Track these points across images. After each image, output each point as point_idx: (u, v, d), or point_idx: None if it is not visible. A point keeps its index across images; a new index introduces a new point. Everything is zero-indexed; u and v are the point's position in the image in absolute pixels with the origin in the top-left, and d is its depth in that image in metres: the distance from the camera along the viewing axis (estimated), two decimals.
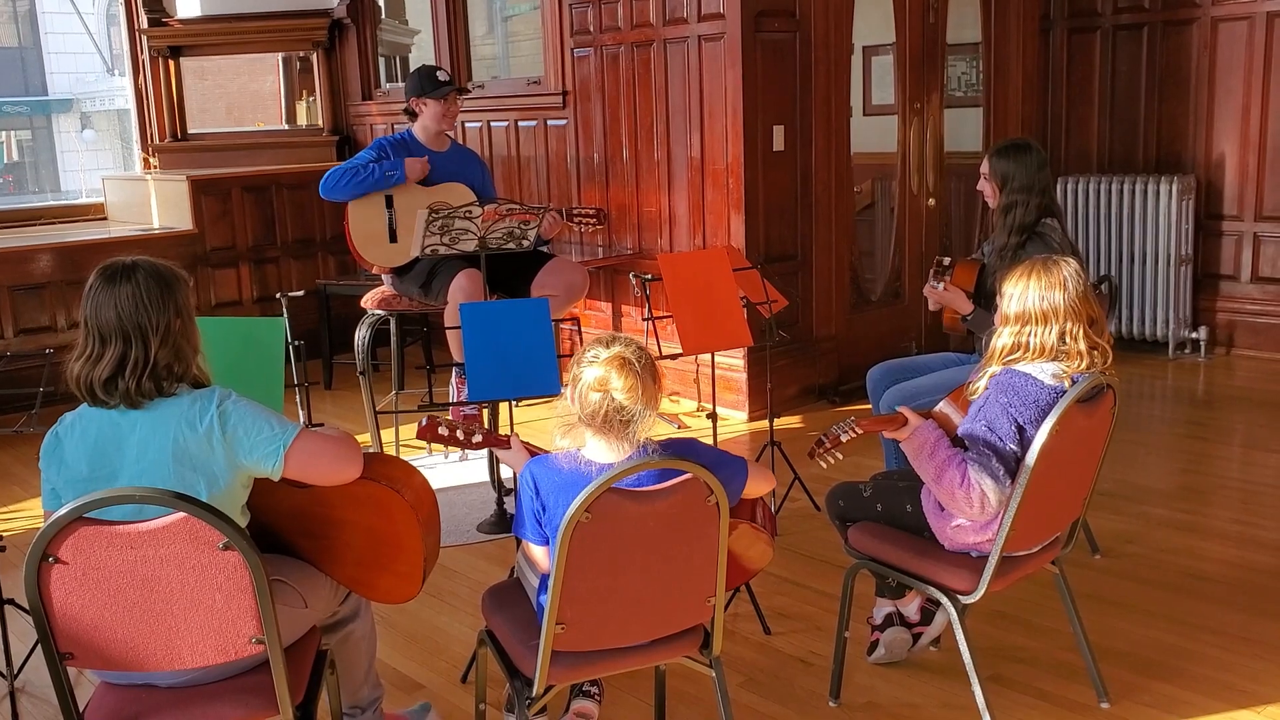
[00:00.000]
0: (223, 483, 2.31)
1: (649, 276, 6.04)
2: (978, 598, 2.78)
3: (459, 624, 3.69)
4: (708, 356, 5.88)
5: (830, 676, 3.16)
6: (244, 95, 8.87)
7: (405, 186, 4.64)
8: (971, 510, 2.70)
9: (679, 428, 5.66)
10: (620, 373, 2.32)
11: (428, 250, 4.20)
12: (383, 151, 4.65)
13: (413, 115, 4.80)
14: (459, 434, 2.60)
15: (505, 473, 4.55)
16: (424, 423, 2.63)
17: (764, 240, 5.67)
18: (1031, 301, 2.74)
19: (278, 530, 2.60)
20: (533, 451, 2.62)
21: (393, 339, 5.12)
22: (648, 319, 3.77)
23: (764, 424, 5.49)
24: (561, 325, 3.63)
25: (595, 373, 2.33)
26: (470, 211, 4.10)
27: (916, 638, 3.26)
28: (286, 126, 8.58)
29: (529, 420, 5.32)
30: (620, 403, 2.31)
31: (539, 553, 2.43)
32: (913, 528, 2.95)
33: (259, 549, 2.14)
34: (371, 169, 4.52)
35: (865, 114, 7.72)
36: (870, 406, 4.34)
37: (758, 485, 2.51)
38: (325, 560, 2.60)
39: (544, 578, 2.49)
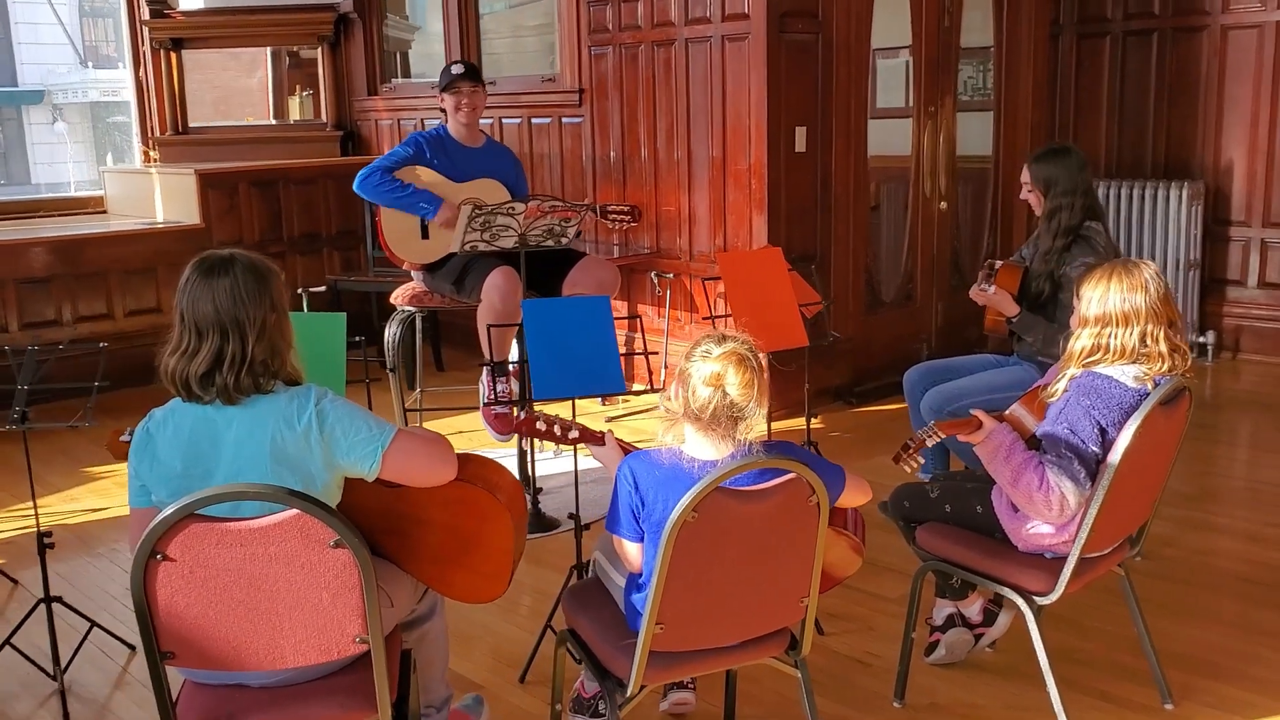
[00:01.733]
0: (319, 482, 2.28)
1: (671, 275, 6.05)
2: (1055, 599, 2.79)
3: (505, 623, 3.67)
4: None
5: (894, 677, 3.16)
6: (232, 90, 8.79)
7: (438, 183, 4.60)
8: (1050, 513, 2.71)
9: None
10: (737, 368, 2.31)
11: (467, 246, 4.17)
12: (419, 148, 4.62)
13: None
14: (556, 430, 2.59)
15: (540, 470, 4.52)
16: (521, 417, 2.61)
17: (785, 241, 5.65)
18: (1113, 304, 2.74)
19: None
20: (626, 449, 2.60)
21: (417, 337, 5.08)
22: (709, 318, 3.75)
23: (783, 425, 5.51)
24: None
25: (710, 368, 2.31)
26: (513, 208, 4.07)
27: (977, 639, 3.27)
28: (275, 121, 8.52)
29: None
30: (733, 399, 2.29)
31: (633, 550, 2.41)
32: (983, 528, 2.96)
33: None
34: (411, 194, 4.50)
35: (871, 117, 7.74)
36: (906, 408, 4.34)
37: (854, 495, 2.50)
38: (404, 557, 2.57)
39: (633, 576, 2.48)
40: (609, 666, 2.48)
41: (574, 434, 2.59)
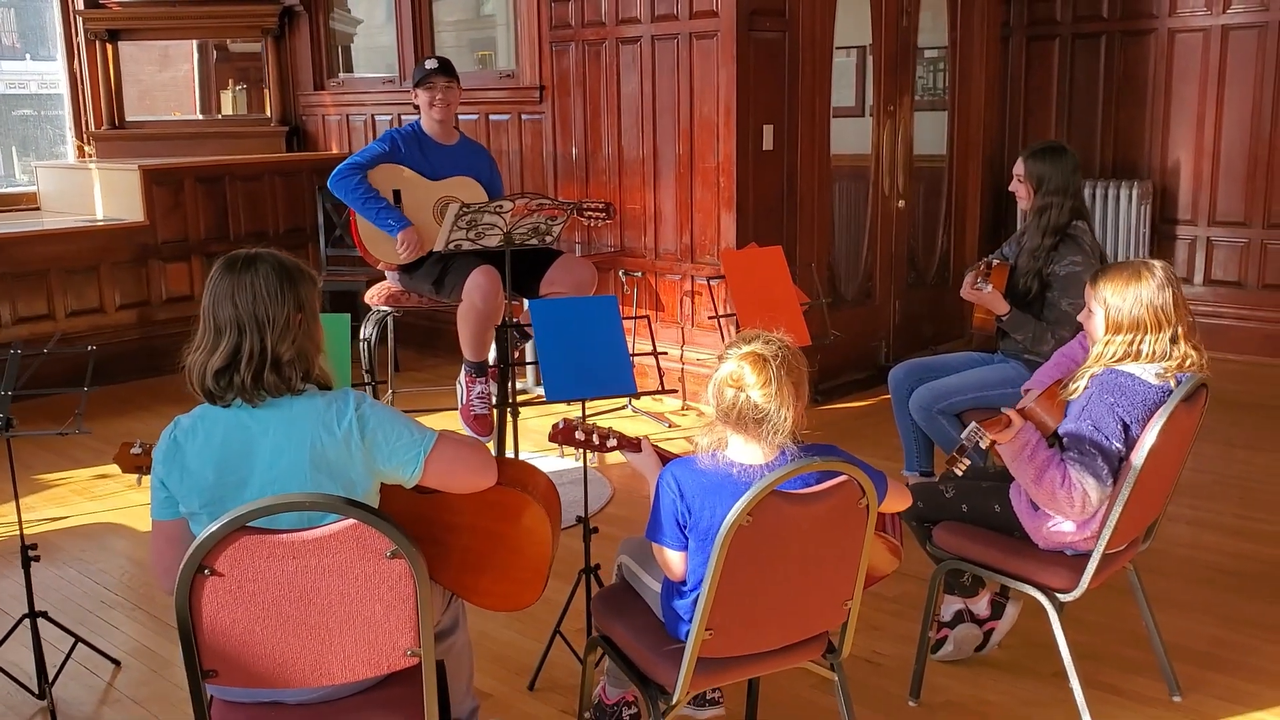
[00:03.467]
0: (360, 489, 2.20)
1: (639, 274, 6.02)
2: (1078, 595, 2.82)
3: (505, 629, 3.59)
4: (694, 354, 5.87)
5: (905, 676, 3.17)
6: (152, 85, 8.53)
7: (414, 180, 4.51)
8: (1073, 510, 2.73)
9: (668, 426, 5.62)
10: (754, 368, 2.27)
11: (451, 245, 4.09)
12: (394, 144, 4.52)
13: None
14: (594, 438, 2.53)
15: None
16: (560, 425, 2.55)
17: (753, 240, 5.66)
18: (1143, 309, 2.74)
19: None
20: (663, 456, 2.56)
21: (389, 338, 4.97)
22: (714, 317, 3.72)
23: None
24: None
25: (729, 368, 2.29)
26: (500, 207, 4.00)
27: (987, 635, 3.29)
28: (202, 117, 8.31)
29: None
30: (755, 401, 2.26)
31: (675, 558, 2.36)
32: (1001, 527, 2.97)
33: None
34: (379, 210, 4.41)
35: None
36: (871, 405, 4.35)
37: (895, 501, 2.47)
38: (435, 566, 2.50)
39: (670, 583, 2.43)
40: (650, 673, 2.43)
41: (612, 442, 2.54)
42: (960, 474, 2.70)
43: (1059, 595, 2.83)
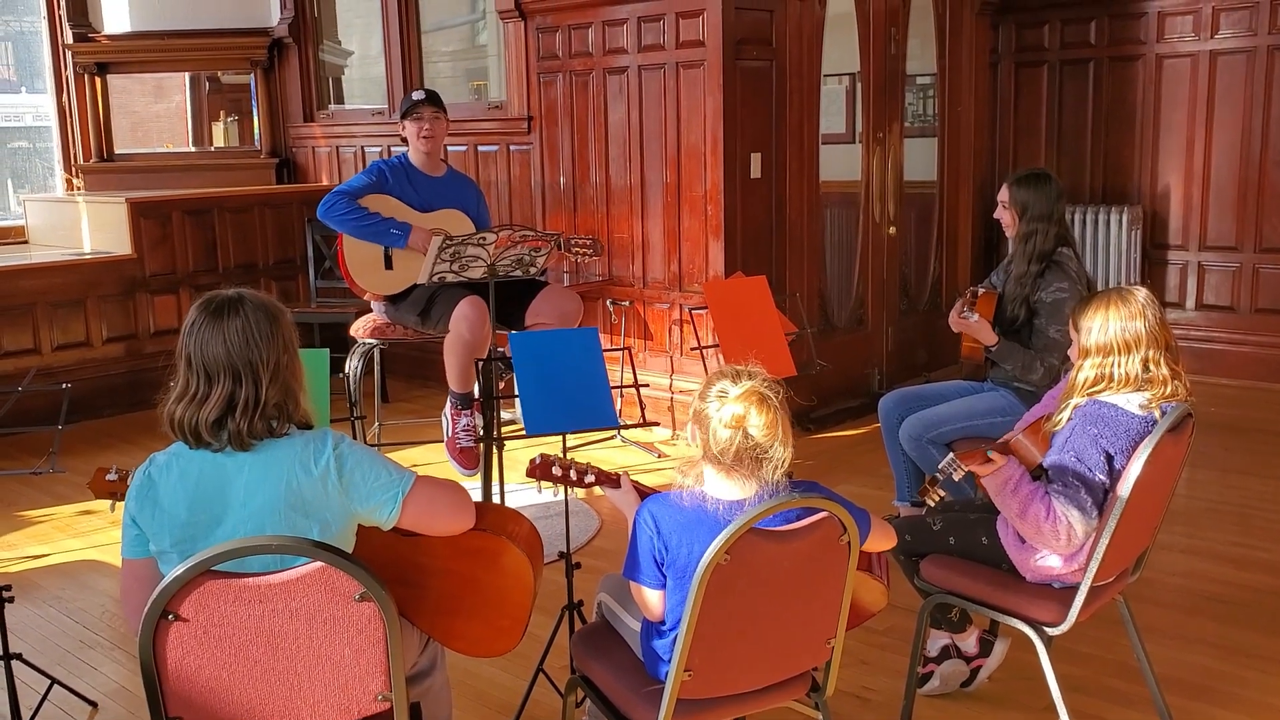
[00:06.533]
0: (335, 529, 2.17)
1: (627, 303, 5.99)
2: (1066, 628, 2.78)
3: (491, 668, 3.54)
4: (683, 383, 5.84)
5: (894, 712, 3.12)
6: (144, 117, 8.54)
7: (402, 212, 4.49)
8: (1058, 543, 2.70)
9: (658, 456, 5.59)
10: (760, 409, 2.22)
11: (435, 277, 4.06)
12: (381, 175, 4.50)
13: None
14: (572, 474, 2.49)
15: (509, 502, 4.40)
16: (538, 461, 2.51)
17: (741, 268, 5.64)
18: (1113, 332, 2.75)
19: None
20: (642, 491, 2.52)
21: (376, 369, 4.93)
22: (696, 348, 3.69)
23: None
24: None
25: (730, 410, 2.22)
26: (484, 238, 3.98)
27: (974, 671, 3.24)
28: (194, 149, 8.30)
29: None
30: (757, 440, 2.22)
31: (654, 597, 2.32)
32: (989, 560, 2.93)
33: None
34: (377, 223, 4.35)
35: None
36: (864, 434, 4.31)
37: (879, 540, 2.44)
38: (412, 609, 2.46)
39: (649, 622, 2.39)
40: (629, 714, 2.39)
41: (590, 478, 2.50)
42: (933, 504, 2.67)
43: (1047, 629, 2.79)
